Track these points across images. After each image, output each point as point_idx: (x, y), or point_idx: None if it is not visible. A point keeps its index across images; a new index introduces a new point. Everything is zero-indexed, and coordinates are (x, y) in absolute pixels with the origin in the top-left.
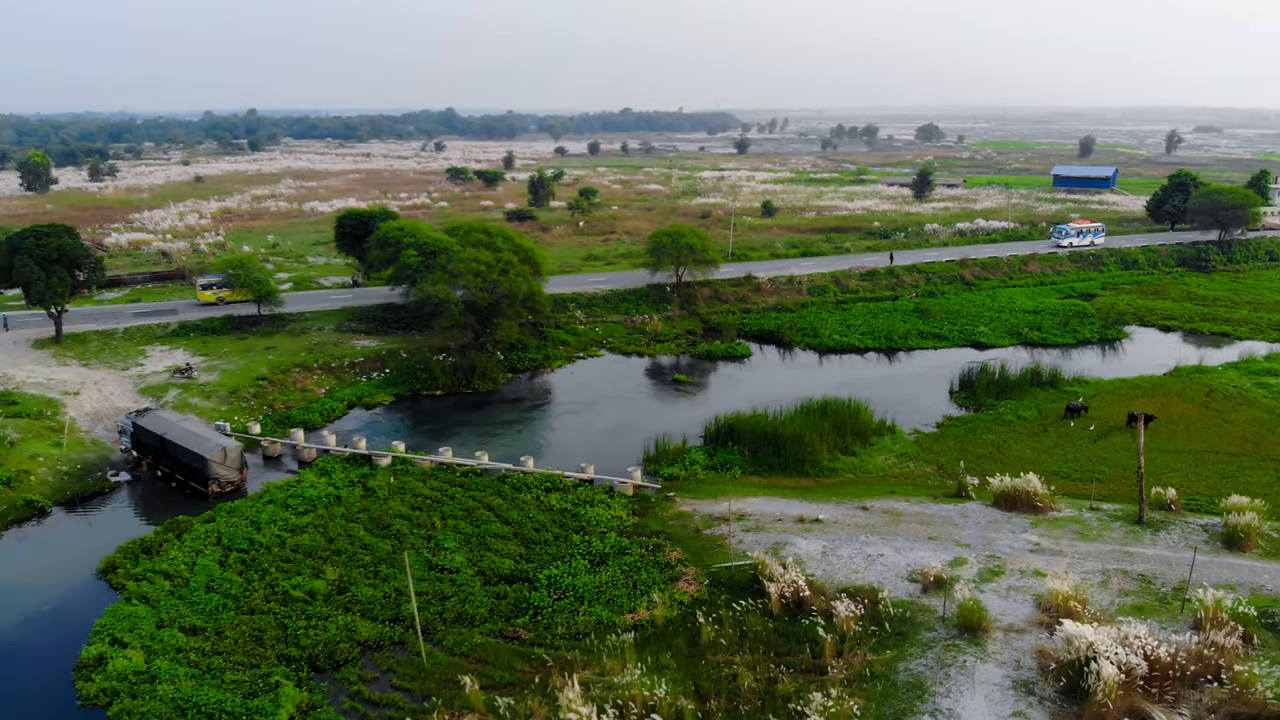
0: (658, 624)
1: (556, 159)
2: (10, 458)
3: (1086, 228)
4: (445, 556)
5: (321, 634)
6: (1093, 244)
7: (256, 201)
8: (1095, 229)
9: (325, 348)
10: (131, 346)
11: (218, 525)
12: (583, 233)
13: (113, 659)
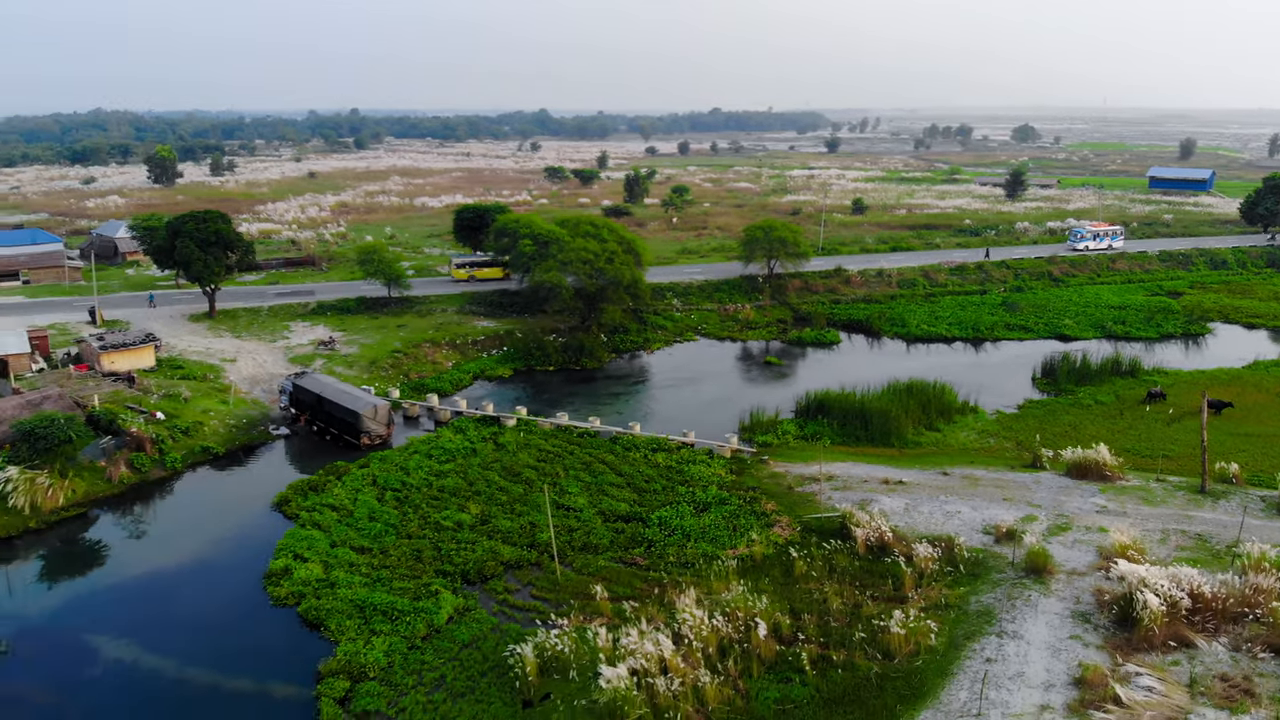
0: (756, 558)
1: (647, 158)
2: (186, 411)
3: (1104, 231)
4: (569, 499)
5: (470, 554)
6: (1110, 247)
7: (369, 197)
8: (1114, 232)
9: (449, 327)
10: (276, 322)
11: (372, 470)
12: (676, 228)
13: (296, 570)
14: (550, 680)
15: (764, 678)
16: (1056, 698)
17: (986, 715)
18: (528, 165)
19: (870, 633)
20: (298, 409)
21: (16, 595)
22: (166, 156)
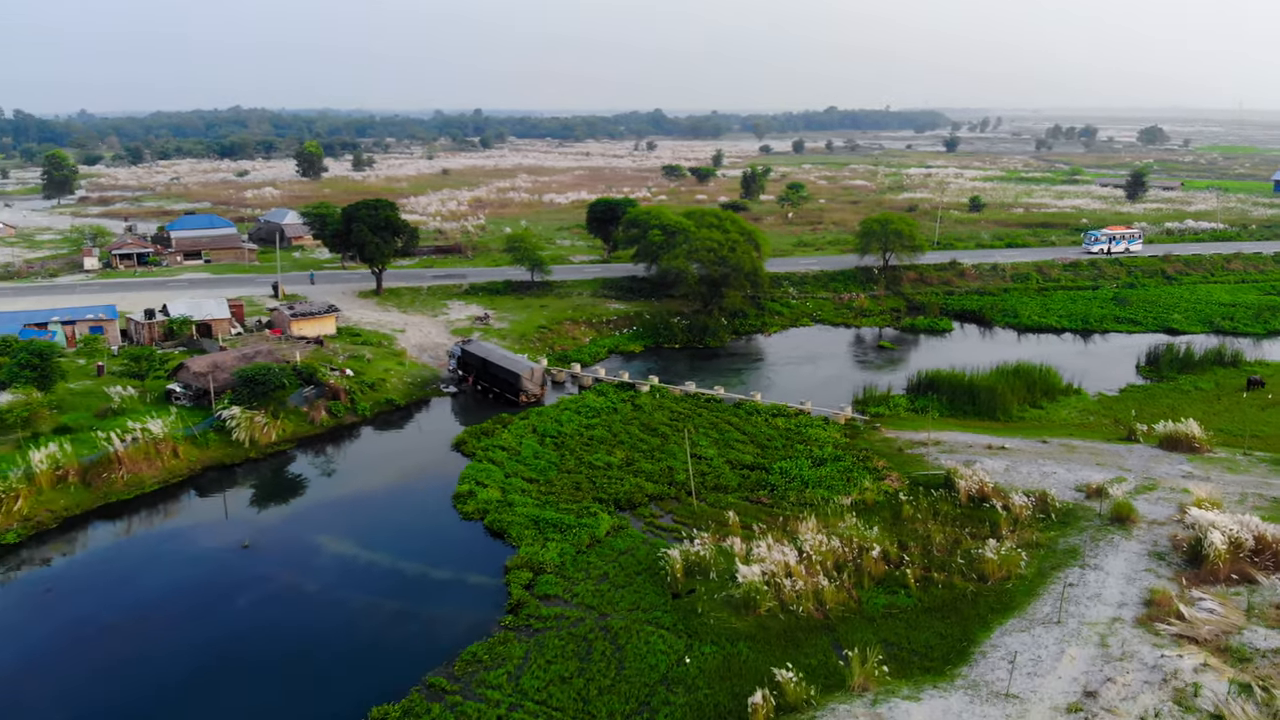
0: (868, 503)
1: (762, 157)
2: (370, 370)
3: (1122, 234)
4: (700, 449)
5: (620, 488)
6: (1127, 250)
7: (501, 193)
8: (1132, 235)
9: (585, 307)
10: (435, 300)
11: (531, 421)
12: (792, 223)
13: (479, 493)
14: (694, 579)
15: (873, 589)
16: (1127, 613)
17: (1065, 623)
18: (645, 164)
19: (968, 560)
20: (465, 370)
21: (248, 507)
22: (314, 152)
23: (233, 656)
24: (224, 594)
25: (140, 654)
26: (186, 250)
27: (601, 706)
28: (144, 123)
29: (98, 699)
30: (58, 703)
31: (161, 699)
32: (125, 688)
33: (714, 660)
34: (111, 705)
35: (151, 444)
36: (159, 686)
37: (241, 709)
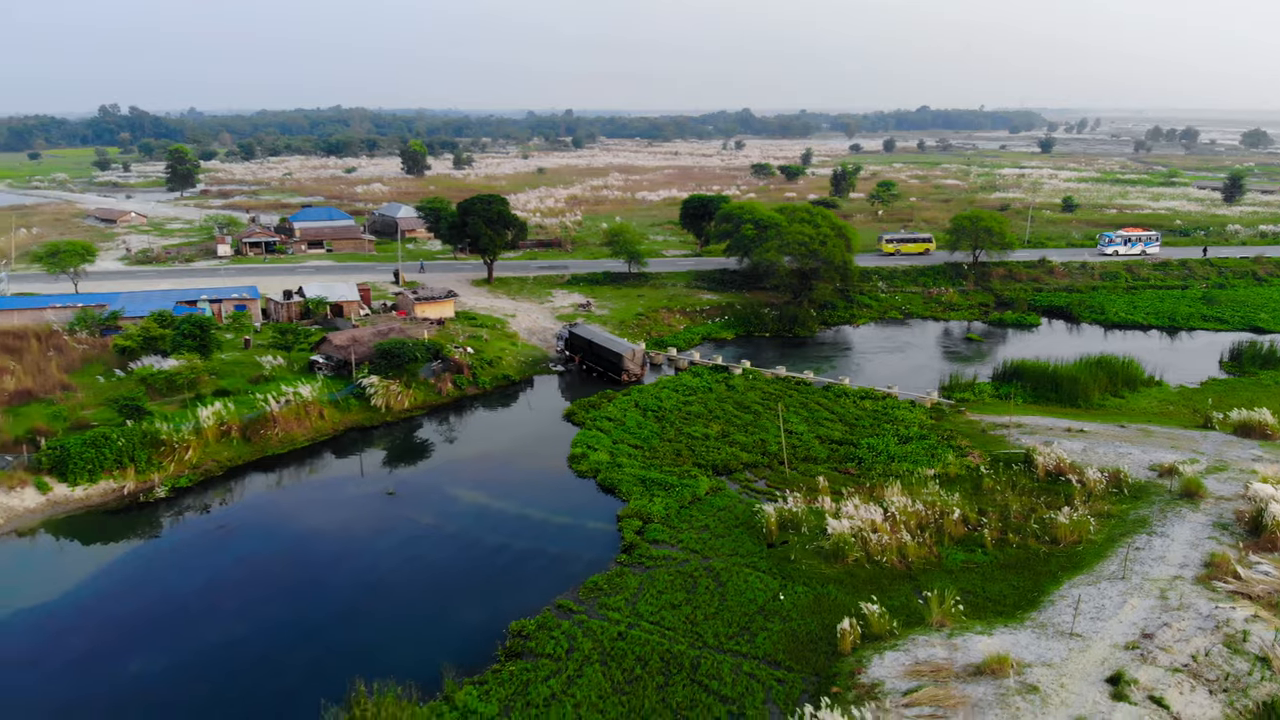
0: (950, 475)
1: (851, 155)
2: (487, 349)
3: (1138, 236)
4: (791, 425)
5: (717, 455)
6: (1144, 253)
7: (594, 190)
8: (1149, 237)
9: (679, 297)
10: (540, 289)
11: (633, 397)
12: (882, 220)
13: (590, 455)
14: (787, 533)
15: (952, 547)
16: (1188, 572)
17: (1129, 579)
18: (733, 162)
19: (1042, 525)
20: (571, 351)
21: (388, 463)
22: (418, 151)
23: (388, 582)
24: (375, 532)
25: (307, 579)
26: (310, 240)
27: (707, 629)
28: (251, 120)
29: (275, 614)
30: (241, 615)
31: (329, 613)
32: (297, 606)
33: (805, 598)
34: (284, 620)
35: (302, 406)
36: (325, 604)
37: (400, 622)
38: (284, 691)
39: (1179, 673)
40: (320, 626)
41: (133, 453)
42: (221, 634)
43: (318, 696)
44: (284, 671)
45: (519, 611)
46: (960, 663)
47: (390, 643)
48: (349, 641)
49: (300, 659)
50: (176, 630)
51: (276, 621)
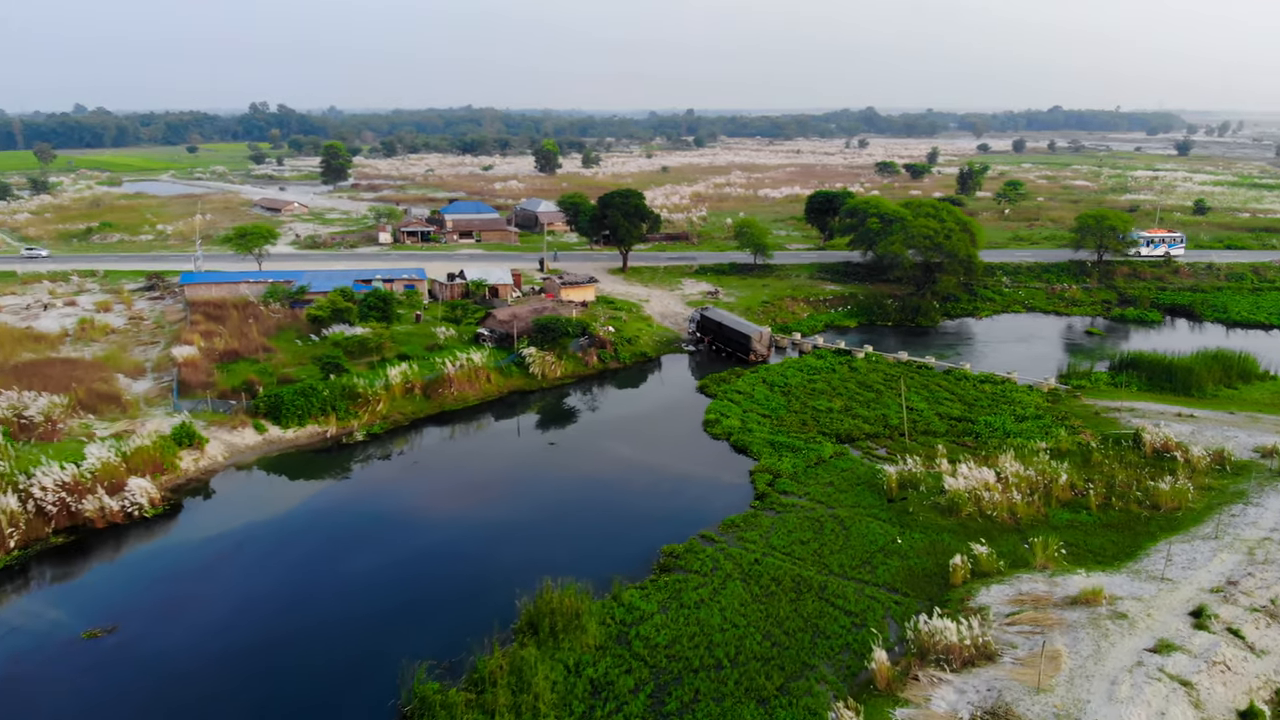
0: (1062, 449)
1: (979, 155)
2: (626, 328)
3: (1161, 238)
4: (912, 403)
5: (840, 425)
6: (1168, 255)
7: (718, 188)
8: (1174, 239)
9: (803, 287)
10: (671, 277)
11: (760, 375)
12: (1008, 219)
13: (722, 420)
14: (905, 490)
15: (1059, 508)
16: (1277, 535)
17: (1221, 538)
18: (856, 161)
19: (1144, 493)
20: (702, 333)
21: (546, 421)
22: (551, 150)
23: (560, 513)
24: (540, 474)
25: (490, 503)
26: (461, 231)
27: (833, 560)
28: (388, 119)
29: (469, 531)
30: (438, 530)
31: (517, 529)
32: (486, 524)
33: (921, 542)
34: (476, 535)
35: (473, 370)
36: (512, 523)
37: (572, 542)
38: (483, 585)
39: (1257, 612)
40: (508, 539)
41: (334, 403)
42: (425, 541)
43: (513, 589)
44: (483, 572)
45: (668, 539)
46: (1059, 595)
47: (566, 557)
48: (533, 552)
49: (494, 563)
50: (388, 537)
51: (470, 536)
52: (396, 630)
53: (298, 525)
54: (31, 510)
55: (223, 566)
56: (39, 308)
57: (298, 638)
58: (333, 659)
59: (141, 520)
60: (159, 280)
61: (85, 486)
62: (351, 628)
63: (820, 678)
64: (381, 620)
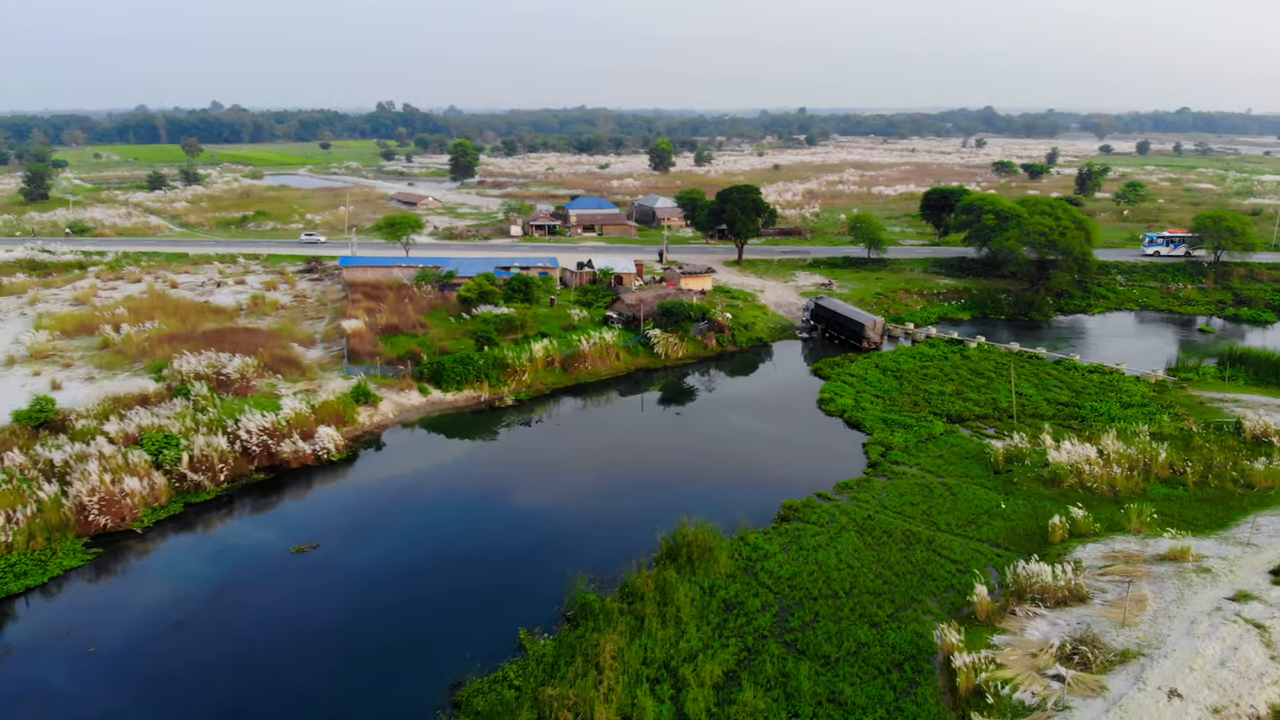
0: (1164, 433)
1: (1100, 156)
2: (743, 315)
3: (1181, 237)
4: (1021, 389)
5: (950, 406)
6: (1188, 254)
7: (830, 185)
8: (1194, 239)
9: (916, 281)
10: (785, 270)
11: (873, 360)
12: (1126, 220)
13: (836, 399)
14: (1011, 464)
15: (1157, 484)
16: None
17: None
18: (973, 160)
19: (1240, 472)
20: (816, 321)
21: (670, 395)
22: (665, 148)
23: (687, 470)
24: (668, 438)
25: (630, 459)
26: (584, 225)
27: (940, 519)
28: (505, 119)
29: (615, 480)
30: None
31: (654, 481)
32: (624, 473)
33: (1024, 507)
34: (622, 483)
35: (605, 348)
36: (643, 475)
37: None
38: (624, 523)
39: None
40: (643, 489)
41: (487, 371)
42: (570, 487)
43: (655, 524)
44: (623, 512)
45: (788, 495)
46: (1149, 553)
47: (695, 506)
48: (666, 499)
49: (632, 505)
50: (538, 484)
51: (608, 485)
52: (554, 555)
53: (461, 470)
54: (238, 450)
55: (401, 501)
56: (212, 285)
57: (471, 558)
58: (503, 575)
59: (328, 463)
60: (317, 263)
61: (282, 432)
62: (515, 552)
63: (926, 610)
64: (540, 547)
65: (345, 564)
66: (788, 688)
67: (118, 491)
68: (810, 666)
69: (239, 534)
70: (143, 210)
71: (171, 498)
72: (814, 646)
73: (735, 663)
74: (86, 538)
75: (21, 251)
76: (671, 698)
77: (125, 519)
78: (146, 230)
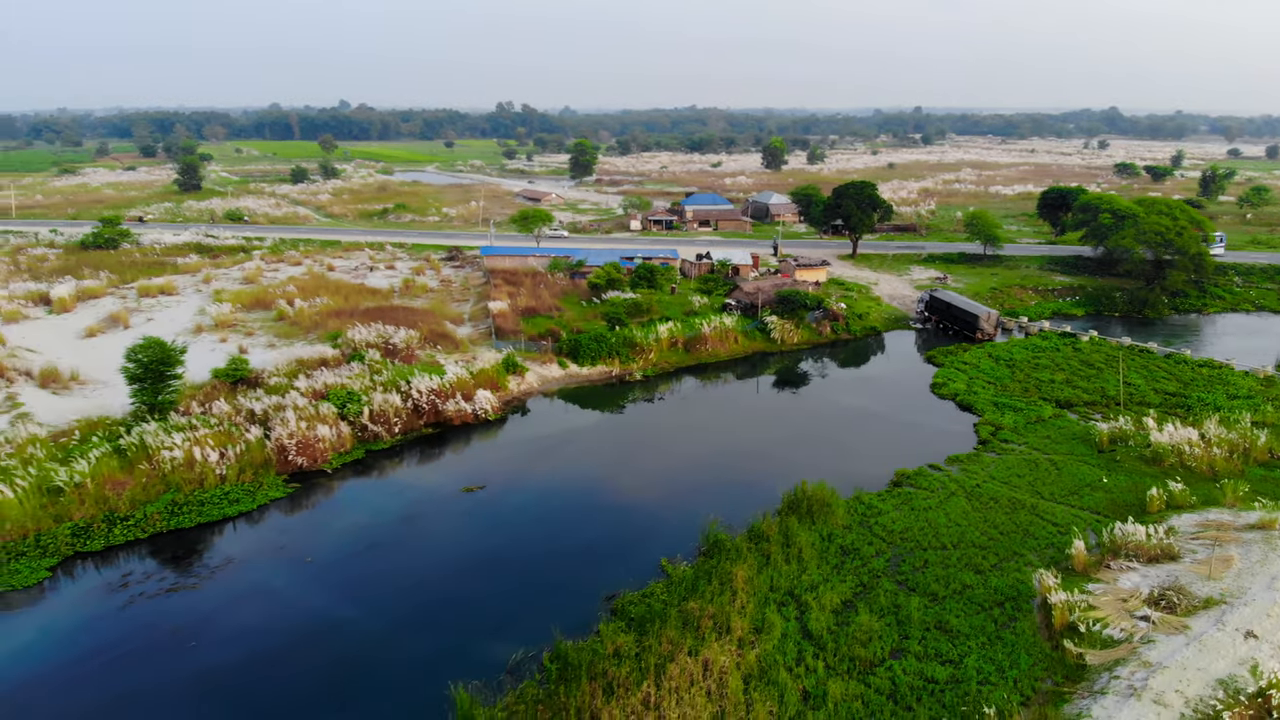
0: (1267, 422)
1: (1227, 160)
2: (856, 306)
3: None
4: (1130, 379)
5: (1060, 393)
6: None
7: (946, 184)
8: (1216, 238)
9: (1031, 277)
10: (899, 264)
11: (986, 349)
12: (1249, 223)
13: (949, 384)
14: (1115, 445)
15: (1256, 466)
16: None
17: None
18: (1094, 162)
19: None
20: (930, 312)
21: (785, 377)
22: (778, 147)
23: (803, 441)
24: (784, 414)
25: (748, 428)
26: (700, 220)
27: (1044, 489)
28: (618, 119)
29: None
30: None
31: (768, 446)
32: (744, 441)
33: (1125, 482)
34: (745, 445)
35: (724, 331)
36: (763, 442)
37: (818, 459)
38: (750, 482)
39: None
40: (763, 454)
41: (618, 349)
42: (695, 451)
43: (775, 485)
44: (750, 473)
45: (900, 464)
46: (1240, 523)
47: (811, 470)
48: (785, 465)
49: (755, 466)
50: (669, 447)
51: (732, 448)
52: (685, 503)
53: (598, 433)
54: (409, 407)
55: (549, 455)
56: (365, 269)
57: (612, 504)
58: (641, 517)
59: (484, 422)
60: (458, 252)
61: (446, 393)
62: (650, 500)
63: (1026, 562)
64: (672, 496)
65: (507, 502)
66: (899, 616)
67: (311, 436)
68: (919, 601)
69: (414, 476)
70: (290, 201)
71: (354, 445)
72: (923, 586)
73: (852, 594)
74: (285, 475)
75: (189, 235)
76: (796, 617)
77: (317, 460)
78: (296, 219)
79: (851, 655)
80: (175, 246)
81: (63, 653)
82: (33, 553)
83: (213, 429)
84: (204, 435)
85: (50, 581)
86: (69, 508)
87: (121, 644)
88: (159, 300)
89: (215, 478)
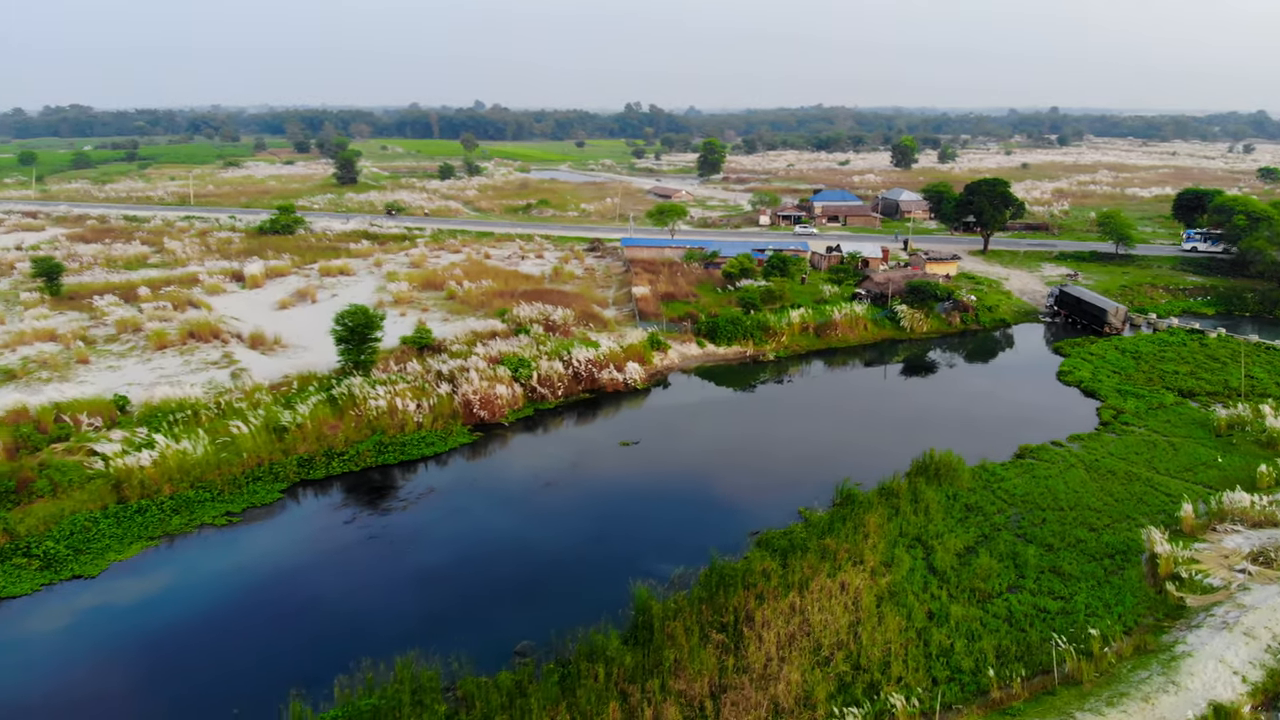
0: None
1: None
2: (986, 299)
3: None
4: (1254, 373)
5: (1183, 384)
6: (1227, 250)
7: (1081, 185)
8: None
9: (1162, 277)
10: (1030, 261)
11: (1113, 342)
12: None
13: (1075, 372)
14: (1233, 430)
15: None
16: None
17: None
18: (1238, 166)
19: None
20: (1059, 306)
21: (916, 361)
22: (909, 145)
23: (932, 416)
24: (914, 394)
25: (880, 405)
26: (829, 215)
27: (1160, 466)
28: (743, 118)
29: (866, 415)
30: (852, 410)
31: (899, 420)
32: (876, 416)
33: (1238, 461)
34: (866, 418)
35: (854, 319)
36: (893, 417)
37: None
38: (881, 450)
39: None
40: (895, 426)
41: (752, 331)
42: (835, 421)
43: (904, 454)
44: (880, 441)
45: (1024, 440)
46: None
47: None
48: (914, 438)
49: (887, 437)
50: (805, 418)
51: (865, 420)
52: (821, 464)
53: (735, 404)
54: (570, 374)
55: (693, 420)
56: (517, 258)
57: (751, 465)
58: (781, 473)
59: (633, 390)
60: (599, 243)
61: (601, 363)
62: (788, 460)
63: (1138, 524)
64: (807, 458)
65: (659, 456)
66: (1016, 561)
67: (490, 394)
68: (1036, 550)
69: (577, 431)
70: (440, 196)
71: (525, 403)
72: (1040, 538)
73: (974, 542)
74: (470, 425)
75: (355, 224)
76: (923, 557)
77: (495, 415)
78: (448, 212)
79: (972, 587)
80: (345, 234)
81: (302, 556)
82: (267, 478)
83: (409, 384)
84: (403, 389)
85: (282, 503)
86: (293, 444)
87: (351, 548)
88: (339, 279)
89: (414, 424)
